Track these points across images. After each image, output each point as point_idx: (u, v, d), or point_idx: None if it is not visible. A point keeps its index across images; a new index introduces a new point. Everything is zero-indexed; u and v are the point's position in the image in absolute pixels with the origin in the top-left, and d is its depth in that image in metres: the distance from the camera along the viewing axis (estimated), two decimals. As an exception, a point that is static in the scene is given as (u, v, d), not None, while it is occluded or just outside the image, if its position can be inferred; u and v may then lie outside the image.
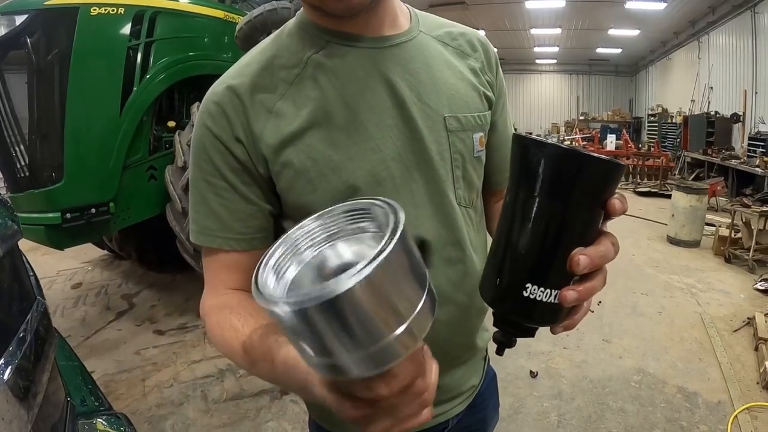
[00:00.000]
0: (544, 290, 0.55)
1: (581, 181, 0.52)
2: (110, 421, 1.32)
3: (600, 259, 0.55)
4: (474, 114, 0.87)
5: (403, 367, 0.45)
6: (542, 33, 15.43)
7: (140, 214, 3.78)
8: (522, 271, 0.56)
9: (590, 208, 0.54)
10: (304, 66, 0.79)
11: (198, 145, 0.79)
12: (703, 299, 4.63)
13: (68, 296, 4.77)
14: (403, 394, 0.47)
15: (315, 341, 0.40)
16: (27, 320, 1.05)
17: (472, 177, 0.89)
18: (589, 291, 0.56)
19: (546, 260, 0.55)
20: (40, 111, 3.29)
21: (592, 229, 0.56)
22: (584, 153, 0.51)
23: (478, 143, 0.88)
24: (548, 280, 0.55)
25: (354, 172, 0.78)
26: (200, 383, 3.27)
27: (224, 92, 0.78)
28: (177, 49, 3.82)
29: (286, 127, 0.76)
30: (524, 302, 0.55)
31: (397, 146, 0.80)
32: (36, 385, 0.99)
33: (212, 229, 0.80)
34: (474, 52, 0.91)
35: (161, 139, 3.91)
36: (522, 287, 0.55)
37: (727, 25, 11.47)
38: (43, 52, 3.23)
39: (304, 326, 0.38)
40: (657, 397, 3.10)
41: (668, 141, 14.30)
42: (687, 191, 6.25)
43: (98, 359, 3.56)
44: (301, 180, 0.77)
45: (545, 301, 0.55)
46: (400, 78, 0.80)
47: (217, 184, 0.79)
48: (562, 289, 0.55)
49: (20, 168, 3.36)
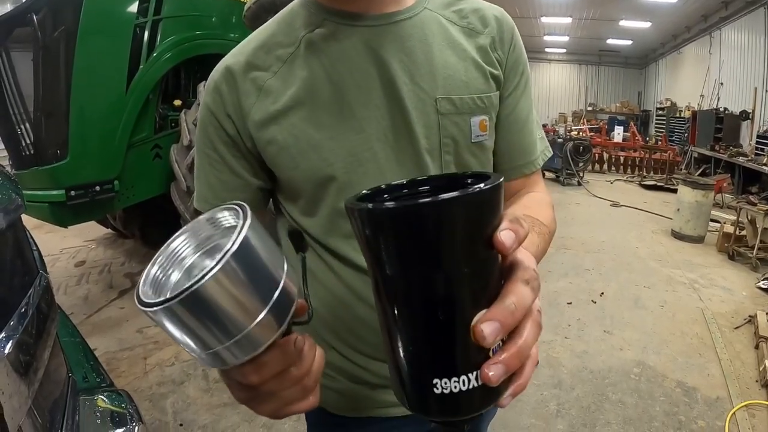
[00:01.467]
0: (458, 379, 0.42)
1: (437, 238, 0.39)
2: (111, 397, 1.32)
3: (512, 317, 0.41)
4: (474, 96, 0.82)
5: (270, 356, 0.49)
6: (553, 21, 15.28)
7: (144, 193, 3.78)
8: (421, 368, 0.43)
9: (467, 262, 0.41)
10: (298, 45, 0.80)
11: (200, 119, 0.85)
12: (705, 295, 4.62)
13: (71, 274, 4.79)
14: (279, 380, 0.51)
15: (184, 336, 0.44)
16: (29, 294, 1.05)
17: (468, 164, 0.84)
18: (519, 354, 0.42)
19: (443, 346, 0.42)
20: (46, 89, 3.27)
21: (488, 281, 0.43)
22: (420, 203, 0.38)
23: (478, 127, 0.83)
24: (458, 367, 0.42)
25: (334, 151, 0.78)
26: (201, 363, 3.28)
27: (222, 71, 0.81)
28: (184, 27, 3.79)
29: (273, 104, 0.78)
30: (441, 399, 0.43)
31: (383, 127, 0.79)
32: (37, 361, 0.99)
33: (207, 196, 0.87)
34: (485, 28, 0.85)
35: (167, 118, 3.90)
36: (430, 385, 0.42)
37: (740, 21, 11.35)
38: (49, 29, 3.21)
39: (171, 323, 0.43)
40: (656, 390, 3.10)
41: (676, 135, 14.22)
42: (693, 186, 6.21)
43: (100, 337, 3.58)
44: (284, 156, 0.79)
45: (467, 389, 0.42)
46: (393, 57, 0.78)
47: (211, 155, 0.84)
48: (482, 366, 0.41)
49: (25, 146, 3.36)
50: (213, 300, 0.42)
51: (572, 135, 11.21)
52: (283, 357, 0.50)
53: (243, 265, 0.43)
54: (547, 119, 19.69)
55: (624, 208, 8.20)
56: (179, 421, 2.74)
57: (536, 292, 0.44)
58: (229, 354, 0.45)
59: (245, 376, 0.50)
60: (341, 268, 0.84)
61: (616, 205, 8.35)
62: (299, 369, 0.52)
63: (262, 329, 0.45)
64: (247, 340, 0.45)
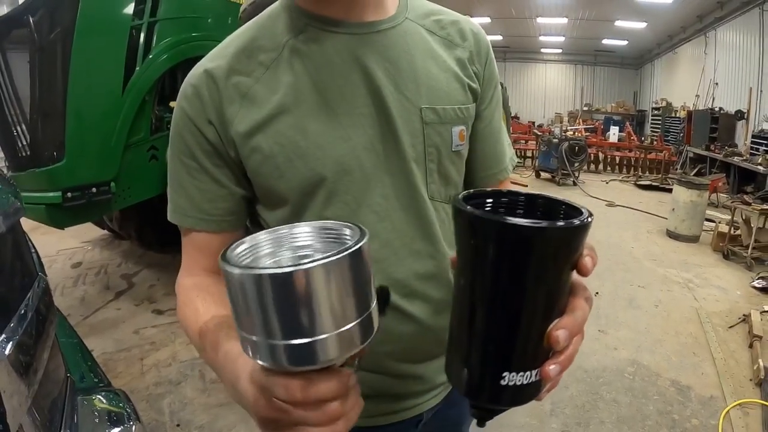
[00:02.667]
0: (524, 374, 0.50)
1: (546, 256, 0.46)
2: (109, 397, 1.33)
3: (577, 327, 0.51)
4: (455, 106, 0.84)
5: (324, 378, 0.47)
6: (548, 22, 15.31)
7: (141, 194, 3.77)
8: (496, 362, 0.50)
9: (559, 279, 0.49)
10: (281, 50, 0.78)
11: (174, 125, 0.80)
12: (699, 294, 4.65)
13: (68, 275, 4.79)
14: (316, 409, 0.48)
15: (259, 314, 0.43)
16: (28, 297, 1.07)
17: (449, 172, 0.86)
18: (571, 357, 0.51)
19: (522, 345, 0.49)
20: (42, 90, 3.26)
21: (564, 296, 0.51)
22: (545, 226, 0.44)
23: (457, 137, 0.85)
24: (527, 364, 0.50)
25: (321, 160, 0.76)
26: (198, 363, 3.29)
27: (201, 75, 0.78)
28: (180, 29, 3.78)
29: (258, 112, 0.76)
30: (503, 391, 0.50)
31: (369, 135, 0.78)
32: (36, 361, 1.00)
33: (184, 208, 0.82)
34: (463, 41, 0.87)
35: (163, 119, 3.89)
36: (499, 378, 0.50)
37: (735, 22, 11.39)
38: (46, 30, 3.19)
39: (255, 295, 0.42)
40: (650, 389, 3.12)
41: (671, 135, 14.27)
42: (688, 186, 6.24)
43: (97, 338, 3.58)
44: (269, 165, 0.77)
45: (526, 383, 0.50)
46: (377, 66, 0.78)
47: (189, 164, 0.80)
48: (543, 365, 0.50)
49: (21, 147, 3.35)
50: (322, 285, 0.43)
51: (568, 135, 11.23)
52: (336, 385, 0.48)
53: (357, 267, 0.45)
54: (542, 119, 19.73)
55: (619, 207, 8.23)
56: (176, 421, 2.75)
57: (591, 308, 0.53)
58: (293, 354, 0.44)
59: (290, 390, 0.47)
60: None
61: (612, 205, 8.38)
62: (342, 406, 0.49)
63: (339, 342, 0.45)
64: (320, 346, 0.44)
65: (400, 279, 0.83)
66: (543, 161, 10.65)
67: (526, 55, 19.80)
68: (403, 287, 0.83)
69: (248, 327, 0.45)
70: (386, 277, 0.81)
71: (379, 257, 0.80)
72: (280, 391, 0.47)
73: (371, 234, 0.70)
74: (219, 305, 0.74)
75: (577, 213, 0.50)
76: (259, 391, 0.51)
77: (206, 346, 0.69)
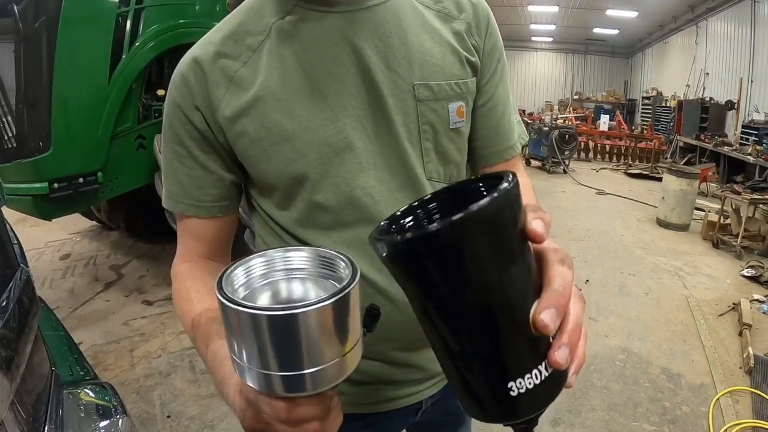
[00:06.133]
0: (530, 375, 0.44)
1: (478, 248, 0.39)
2: (96, 390, 1.31)
3: (563, 298, 0.44)
4: (451, 81, 0.80)
5: (308, 401, 0.50)
6: (539, 10, 15.26)
7: (129, 184, 3.74)
8: (493, 378, 0.44)
9: (512, 262, 0.42)
10: (268, 33, 0.76)
11: (165, 114, 0.81)
12: (689, 282, 4.68)
13: (56, 267, 4.74)
14: (297, 426, 0.51)
15: (254, 346, 0.46)
16: (9, 288, 1.04)
17: (447, 150, 0.83)
18: (576, 329, 0.45)
19: (510, 350, 0.43)
20: (28, 80, 3.21)
21: (531, 274, 0.44)
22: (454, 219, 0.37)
23: (455, 113, 0.82)
24: (527, 363, 0.44)
25: (308, 141, 0.75)
26: (188, 353, 3.28)
27: (189, 63, 0.77)
28: (167, 16, 3.73)
29: (243, 95, 0.75)
30: (519, 401, 0.44)
31: (359, 116, 0.76)
32: (19, 355, 0.98)
33: (177, 194, 0.82)
34: (460, 13, 0.83)
35: (150, 108, 3.84)
36: (506, 391, 0.44)
37: (727, 12, 11.39)
38: (31, 20, 3.14)
39: (250, 330, 0.45)
40: (641, 376, 3.14)
41: (661, 124, 14.31)
42: (678, 175, 6.27)
43: (87, 330, 3.55)
44: (256, 149, 0.76)
45: (541, 381, 0.44)
46: (367, 43, 0.75)
47: (179, 151, 0.80)
48: (549, 356, 0.43)
49: (8, 139, 3.30)
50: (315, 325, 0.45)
51: (558, 123, 11.24)
52: (318, 407, 0.51)
53: (350, 306, 0.48)
54: (533, 107, 19.72)
55: (609, 196, 8.26)
56: (167, 412, 2.74)
57: (572, 268, 0.46)
58: (281, 383, 0.47)
59: (275, 410, 0.50)
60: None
61: (602, 193, 8.41)
62: (322, 425, 0.52)
63: (330, 372, 0.48)
64: (310, 377, 0.47)
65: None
66: (533, 149, 10.64)
67: (516, 43, 19.71)
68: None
69: (240, 354, 0.48)
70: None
71: None
72: (266, 408, 0.51)
73: (366, 218, 0.70)
74: (212, 297, 0.72)
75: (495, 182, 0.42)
76: (246, 404, 0.54)
77: (197, 339, 0.71)
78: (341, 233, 0.80)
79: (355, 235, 0.79)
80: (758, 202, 5.25)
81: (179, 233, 0.87)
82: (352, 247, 0.78)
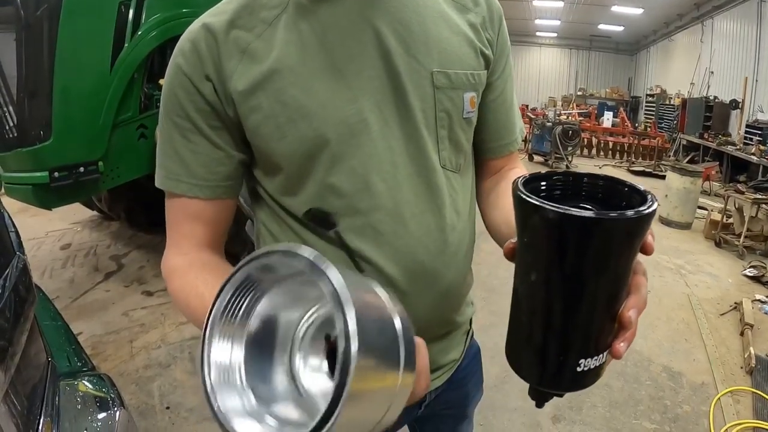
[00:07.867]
0: (597, 357, 0.52)
1: (625, 244, 0.47)
2: (93, 381, 1.30)
3: (644, 303, 0.52)
4: (467, 72, 0.80)
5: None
6: (544, 5, 15.22)
7: (130, 174, 3.71)
8: (576, 352, 0.51)
9: (631, 263, 0.49)
10: (285, 7, 0.74)
11: (168, 84, 0.75)
12: (691, 281, 4.66)
13: (57, 257, 4.73)
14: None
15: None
16: (5, 276, 1.02)
17: (459, 139, 0.83)
18: (635, 332, 0.52)
19: (598, 332, 0.51)
20: (29, 68, 3.18)
21: (631, 276, 0.51)
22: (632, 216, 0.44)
23: (468, 103, 0.81)
24: (601, 348, 0.51)
25: (326, 120, 0.72)
26: (188, 344, 3.27)
27: (199, 30, 0.74)
28: (170, 5, 3.70)
29: (257, 69, 0.72)
30: (581, 376, 0.52)
31: (377, 99, 0.75)
32: (13, 345, 0.96)
33: (177, 173, 0.76)
34: (476, 6, 0.84)
35: (152, 97, 3.81)
36: (576, 365, 0.51)
37: (733, 11, 11.35)
38: (32, 8, 3.11)
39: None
40: (642, 374, 3.13)
41: (665, 122, 14.25)
42: (681, 173, 6.25)
43: (86, 320, 3.54)
44: (269, 125, 0.73)
45: (598, 365, 0.52)
46: (388, 28, 0.74)
47: (182, 125, 0.75)
48: (613, 345, 0.51)
49: (9, 128, 3.28)
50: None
51: (561, 119, 11.19)
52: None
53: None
54: (536, 103, 19.66)
55: (613, 194, 8.21)
56: (166, 403, 2.73)
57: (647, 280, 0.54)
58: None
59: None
60: (328, 249, 0.78)
61: (605, 191, 8.36)
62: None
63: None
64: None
65: (407, 253, 0.78)
66: (536, 144, 10.62)
67: (521, 38, 19.63)
68: (413, 263, 0.79)
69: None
70: (394, 252, 0.77)
71: (387, 231, 0.77)
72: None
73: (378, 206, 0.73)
74: None
75: (636, 193, 0.50)
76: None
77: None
78: (352, 220, 0.76)
79: (366, 224, 0.76)
80: (762, 202, 5.22)
81: (173, 220, 0.81)
82: (362, 236, 0.76)
